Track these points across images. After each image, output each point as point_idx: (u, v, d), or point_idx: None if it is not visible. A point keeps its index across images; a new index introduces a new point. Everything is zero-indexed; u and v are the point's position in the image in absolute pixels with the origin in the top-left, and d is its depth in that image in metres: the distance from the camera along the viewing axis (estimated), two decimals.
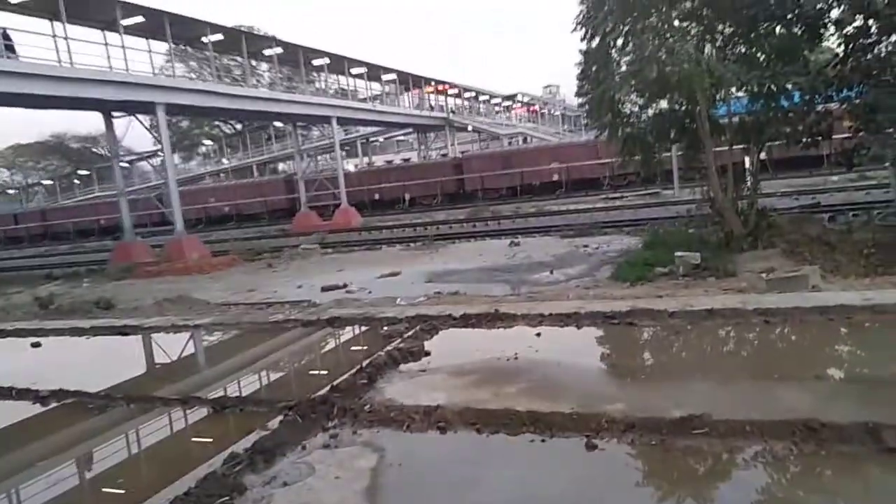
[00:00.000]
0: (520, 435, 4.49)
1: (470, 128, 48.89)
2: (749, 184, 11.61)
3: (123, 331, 9.91)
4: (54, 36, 18.88)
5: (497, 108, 57.68)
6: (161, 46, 25.58)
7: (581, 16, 10.74)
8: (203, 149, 63.81)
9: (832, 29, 10.36)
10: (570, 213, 22.78)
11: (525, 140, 52.05)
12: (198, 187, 48.33)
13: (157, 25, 22.24)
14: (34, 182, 72.55)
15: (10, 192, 73.17)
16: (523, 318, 7.52)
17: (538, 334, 6.95)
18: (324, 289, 12.14)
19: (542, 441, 4.38)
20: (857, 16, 9.73)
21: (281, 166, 57.95)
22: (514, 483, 3.95)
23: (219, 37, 26.02)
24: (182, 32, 24.38)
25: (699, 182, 12.61)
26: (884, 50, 9.91)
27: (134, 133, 23.86)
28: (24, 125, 73.96)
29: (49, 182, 69.60)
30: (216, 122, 56.97)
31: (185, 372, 7.96)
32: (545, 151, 36.42)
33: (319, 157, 47.29)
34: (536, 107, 65.32)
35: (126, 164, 38.33)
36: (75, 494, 4.76)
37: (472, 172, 36.35)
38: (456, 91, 48.56)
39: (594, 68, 10.86)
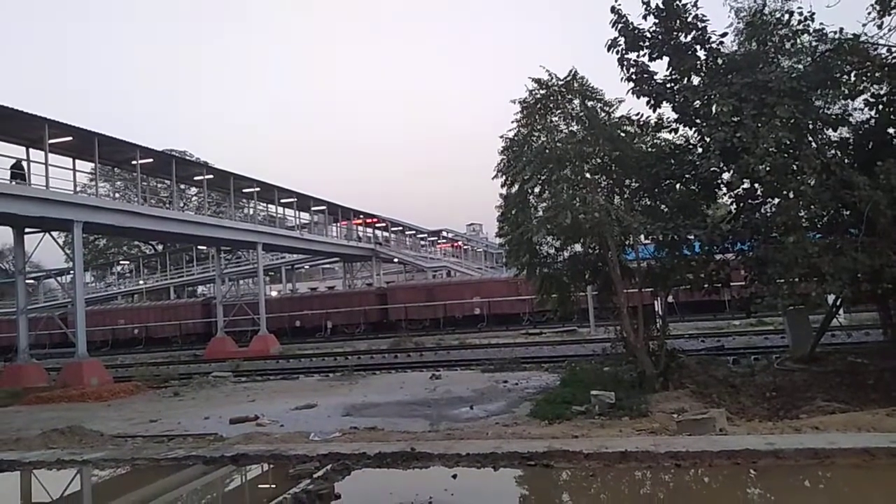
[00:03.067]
0: None
1: (396, 259, 49.75)
2: (658, 325, 12.19)
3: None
4: None
5: (423, 243, 59.33)
6: (87, 165, 25.34)
7: (502, 164, 11.55)
8: (119, 268, 61.48)
9: (725, 189, 11.54)
10: (492, 346, 22.95)
11: (449, 274, 53.24)
12: (107, 308, 45.99)
13: (85, 145, 22.14)
14: None
15: None
16: (440, 458, 7.30)
17: (454, 476, 6.73)
18: (232, 421, 11.46)
19: None
20: (745, 179, 10.91)
21: (200, 289, 56.31)
22: None
23: (149, 160, 26.08)
24: (111, 154, 24.34)
25: (613, 321, 13.14)
26: (768, 211, 11.05)
27: (43, 248, 22.91)
28: None
29: None
30: (136, 242, 55.52)
31: None
32: (468, 286, 37.27)
33: (241, 282, 46.47)
34: (460, 243, 67.66)
35: (31, 281, 36.28)
36: None
37: (396, 303, 36.48)
38: (384, 224, 49.86)
39: (513, 212, 11.53)
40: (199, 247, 45.30)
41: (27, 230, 21.98)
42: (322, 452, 7.92)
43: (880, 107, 11.08)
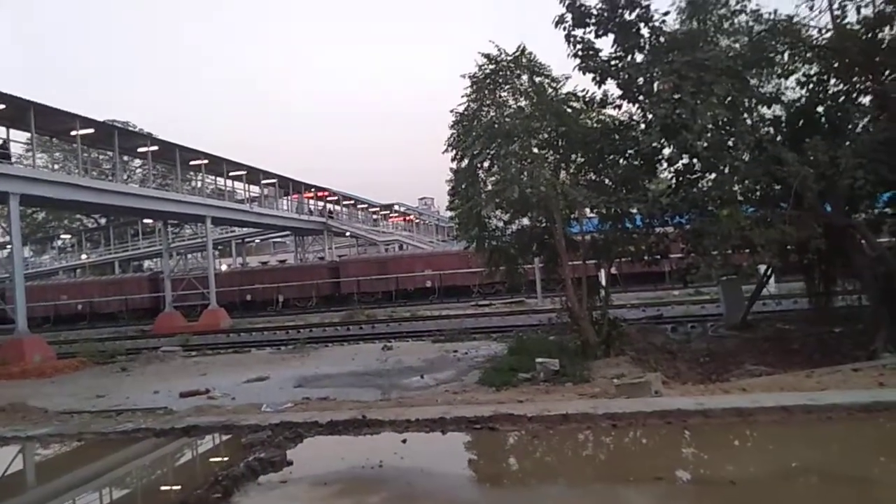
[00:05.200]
0: None
1: (348, 233, 49.47)
2: (601, 296, 12.67)
3: None
4: None
5: (375, 216, 59.12)
6: (23, 136, 24.26)
7: (452, 138, 11.69)
8: (60, 242, 59.23)
9: (665, 164, 11.99)
10: (442, 318, 23.31)
11: (401, 247, 53.33)
12: (49, 283, 44.40)
13: (20, 114, 21.18)
14: None
15: None
16: (391, 425, 7.54)
17: (404, 441, 6.99)
18: (183, 395, 11.44)
19: None
20: (684, 155, 11.36)
21: (147, 263, 54.85)
22: None
23: (90, 131, 25.12)
24: (49, 124, 23.33)
25: (559, 293, 13.58)
26: (705, 185, 11.57)
27: None
28: None
29: None
30: (78, 216, 53.49)
31: (8, 491, 7.08)
32: (419, 259, 37.45)
33: (190, 256, 45.47)
34: (412, 217, 67.70)
35: None
36: None
37: (348, 276, 36.44)
38: (335, 198, 49.41)
39: (463, 186, 11.72)
40: (146, 220, 44.04)
41: None
42: (274, 422, 8.05)
43: (811, 86, 11.68)
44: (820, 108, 11.70)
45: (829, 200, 10.92)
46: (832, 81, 11.57)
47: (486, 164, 11.64)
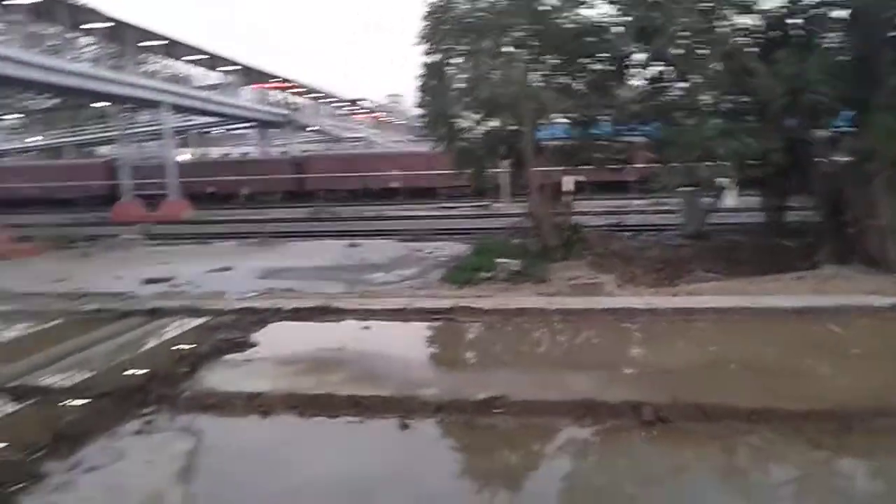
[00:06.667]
0: (339, 418, 4.76)
1: (313, 127, 48.26)
2: (565, 202, 12.89)
3: None
4: None
5: (341, 112, 57.58)
6: None
7: (424, 31, 11.31)
8: (7, 122, 56.37)
9: (637, 71, 11.89)
10: (408, 218, 23.43)
11: (367, 146, 52.48)
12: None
13: None
14: None
15: None
16: (353, 313, 7.80)
17: (366, 328, 7.27)
18: (146, 281, 11.48)
19: (360, 423, 4.69)
20: (656, 62, 11.27)
21: (103, 150, 52.91)
22: (330, 461, 4.21)
23: (32, 1, 23.37)
24: None
25: (524, 197, 13.74)
26: (675, 94, 11.58)
27: None
28: None
29: None
30: (27, 96, 50.65)
31: None
32: (386, 158, 37.00)
33: (147, 145, 43.96)
34: (380, 114, 66.15)
35: None
36: None
37: (313, 172, 35.94)
38: (301, 90, 47.73)
39: (433, 83, 11.48)
40: (99, 105, 42.03)
41: None
42: (238, 307, 8.25)
43: None
44: (792, 20, 11.60)
45: (792, 115, 11.09)
46: None
47: (457, 61, 11.38)
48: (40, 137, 50.57)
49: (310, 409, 4.84)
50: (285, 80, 44.38)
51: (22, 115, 53.58)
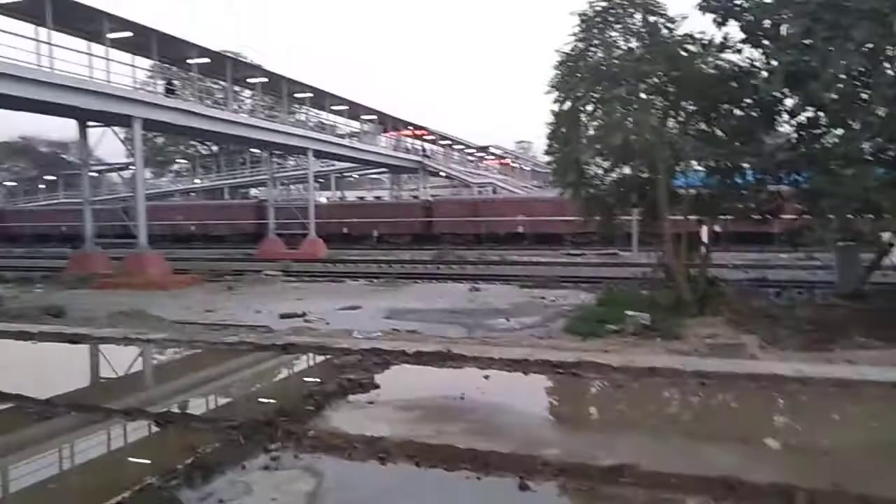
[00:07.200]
0: (457, 471, 4.63)
1: (443, 173, 49.71)
2: (701, 253, 12.14)
3: (73, 339, 9.75)
4: (37, 40, 18.91)
5: (470, 158, 58.92)
6: (145, 62, 25.75)
7: (555, 79, 11.31)
8: (176, 166, 63.34)
9: (786, 116, 11.10)
10: (532, 264, 23.24)
11: (494, 191, 53.08)
12: (165, 203, 47.78)
13: (143, 42, 22.43)
14: None
15: None
16: (474, 361, 7.71)
17: (486, 377, 7.14)
18: (282, 316, 12.17)
19: (478, 478, 4.54)
20: (808, 107, 10.45)
21: (253, 191, 57.75)
22: None
23: (205, 60, 26.29)
24: (168, 52, 24.58)
25: (656, 247, 13.13)
26: (830, 142, 10.64)
27: (106, 143, 23.80)
28: None
29: (12, 183, 67.94)
30: (192, 142, 56.75)
31: (131, 385, 7.93)
32: (513, 203, 37.21)
33: (292, 186, 47.41)
34: (508, 160, 66.88)
35: (95, 174, 37.82)
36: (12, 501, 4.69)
37: (441, 216, 36.86)
38: (432, 137, 49.53)
39: (563, 129, 11.39)
40: (252, 150, 46.07)
41: (89, 124, 22.79)
42: (364, 347, 8.45)
43: None
44: None
45: None
46: None
47: (588, 108, 11.23)
48: (199, 180, 56.12)
49: (428, 459, 4.77)
50: (418, 128, 46.29)
51: (186, 161, 59.90)
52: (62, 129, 55.42)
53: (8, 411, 6.35)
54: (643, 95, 11.08)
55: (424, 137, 48.34)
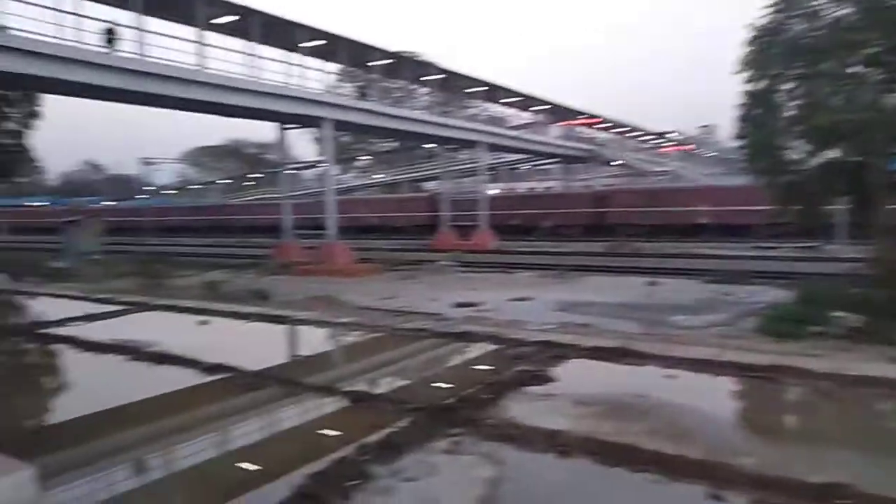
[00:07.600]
0: (640, 473, 4.46)
1: (617, 162, 48.00)
2: None
3: (276, 319, 10.92)
4: (245, 53, 21.29)
5: (646, 145, 56.20)
6: (330, 66, 27.84)
7: (748, 56, 10.38)
8: (359, 163, 68.07)
9: None
10: (716, 258, 21.64)
11: (674, 179, 50.16)
12: (350, 198, 51.51)
13: (333, 49, 24.29)
14: (211, 180, 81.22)
15: (193, 187, 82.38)
16: (654, 359, 7.36)
17: (670, 376, 6.78)
18: (456, 304, 12.55)
19: (663, 483, 4.33)
20: None
21: (428, 185, 60.23)
22: None
23: (387, 61, 27.82)
24: (353, 56, 26.37)
25: (868, 240, 11.58)
26: None
27: (300, 144, 26.11)
28: (206, 129, 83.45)
29: (227, 181, 77.60)
30: (372, 140, 60.50)
31: (323, 363, 8.70)
32: (694, 192, 34.91)
33: (464, 179, 48.63)
34: (689, 146, 62.78)
35: (292, 171, 41.76)
36: (220, 462, 5.24)
37: (615, 206, 35.66)
38: (606, 125, 47.98)
39: (757, 111, 10.43)
40: (427, 145, 47.96)
41: (285, 126, 25.24)
42: (538, 339, 8.44)
43: None
44: None
45: None
46: None
47: (787, 86, 10.17)
48: (381, 175, 59.71)
49: (610, 457, 4.64)
50: (592, 116, 45.11)
51: (369, 157, 64.05)
52: (263, 132, 62.11)
53: (226, 381, 7.23)
54: (855, 69, 9.80)
55: (599, 126, 47.00)
